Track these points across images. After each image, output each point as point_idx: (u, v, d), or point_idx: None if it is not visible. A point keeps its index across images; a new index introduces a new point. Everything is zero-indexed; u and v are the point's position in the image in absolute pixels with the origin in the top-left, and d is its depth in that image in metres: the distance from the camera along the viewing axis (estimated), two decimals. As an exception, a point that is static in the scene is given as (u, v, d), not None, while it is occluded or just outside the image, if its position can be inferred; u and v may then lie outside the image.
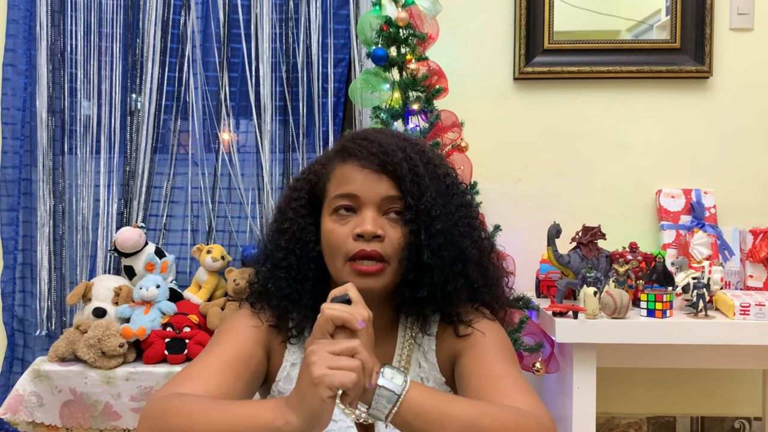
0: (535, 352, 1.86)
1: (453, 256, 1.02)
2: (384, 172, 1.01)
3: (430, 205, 1.01)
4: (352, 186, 1.01)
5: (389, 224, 1.01)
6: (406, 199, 1.00)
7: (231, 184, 2.30)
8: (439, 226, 1.01)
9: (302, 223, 1.06)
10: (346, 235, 1.00)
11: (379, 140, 1.03)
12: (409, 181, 1.00)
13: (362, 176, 1.01)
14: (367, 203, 1.01)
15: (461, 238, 1.03)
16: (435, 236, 1.00)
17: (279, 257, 1.06)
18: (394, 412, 0.86)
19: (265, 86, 2.25)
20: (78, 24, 2.25)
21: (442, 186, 1.05)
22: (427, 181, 1.02)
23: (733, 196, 2.23)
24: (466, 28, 2.27)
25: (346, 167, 1.03)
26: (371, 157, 1.01)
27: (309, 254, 1.05)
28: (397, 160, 1.01)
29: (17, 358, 2.26)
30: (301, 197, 1.08)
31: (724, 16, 2.24)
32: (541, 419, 0.89)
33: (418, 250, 1.00)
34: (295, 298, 1.04)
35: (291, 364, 1.07)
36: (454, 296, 1.03)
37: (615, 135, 2.27)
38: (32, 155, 2.26)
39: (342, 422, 1.04)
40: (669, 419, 2.31)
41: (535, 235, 2.08)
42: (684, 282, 1.76)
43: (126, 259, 2.11)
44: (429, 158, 1.06)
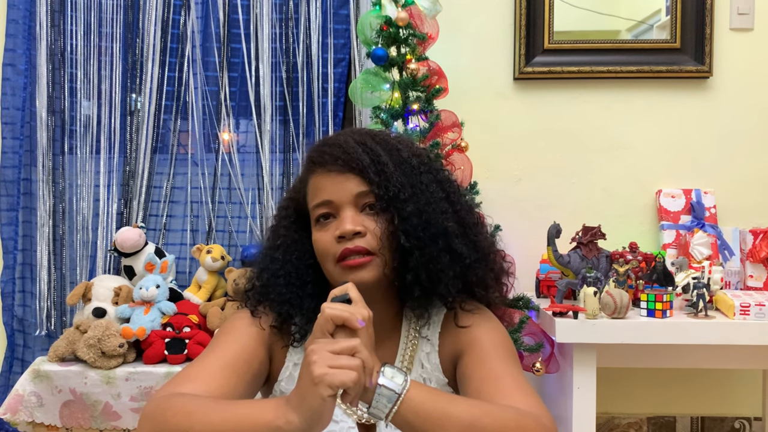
0: (535, 352, 1.86)
1: (432, 234, 1.02)
2: (349, 171, 1.03)
3: (397, 189, 1.02)
4: (323, 193, 1.04)
5: (368, 219, 1.03)
6: (373, 189, 1.02)
7: (231, 184, 2.29)
8: (410, 208, 1.02)
9: (295, 236, 1.08)
10: (330, 240, 1.02)
11: (338, 142, 1.05)
12: (373, 171, 1.02)
13: (330, 181, 1.03)
14: (342, 204, 1.03)
15: (439, 215, 1.03)
16: (408, 219, 1.01)
17: (276, 268, 1.07)
18: (394, 411, 0.86)
19: (265, 86, 2.25)
20: (78, 24, 2.25)
21: (408, 168, 1.05)
22: (391, 168, 1.03)
23: (733, 196, 2.23)
24: (466, 28, 2.27)
25: (316, 177, 1.06)
26: (334, 161, 1.03)
27: (306, 262, 1.07)
28: (357, 155, 1.02)
29: (17, 358, 2.26)
30: (289, 215, 1.11)
31: (724, 16, 2.24)
32: (540, 419, 0.89)
33: (395, 236, 1.01)
34: (297, 303, 1.05)
35: (294, 364, 1.08)
36: (442, 275, 1.03)
37: (615, 135, 2.27)
38: (32, 155, 2.26)
39: (344, 422, 1.04)
40: (669, 419, 2.31)
41: (535, 235, 2.08)
42: (684, 282, 1.76)
43: (126, 259, 2.11)
44: (392, 145, 1.07)
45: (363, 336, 0.87)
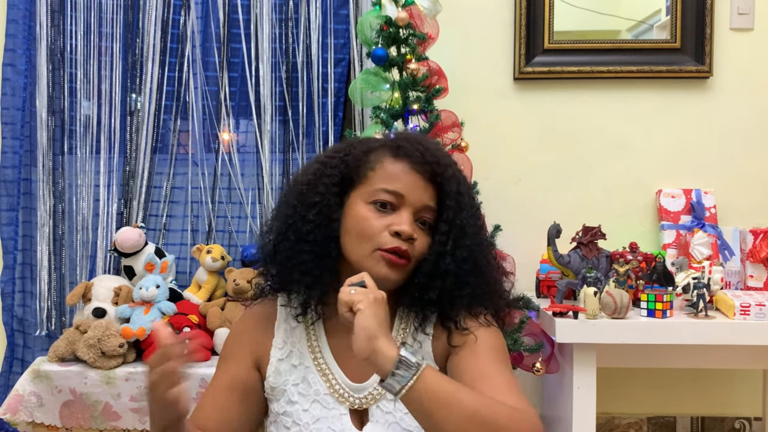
0: (535, 352, 1.86)
1: (468, 268, 1.07)
2: (432, 181, 1.07)
3: (465, 222, 1.08)
4: (400, 184, 1.06)
5: (418, 230, 1.07)
6: (447, 212, 1.07)
7: (231, 184, 2.29)
8: (468, 242, 1.07)
9: (332, 200, 1.07)
10: (381, 228, 1.05)
11: (431, 149, 1.10)
12: (453, 197, 1.07)
13: (412, 179, 1.07)
14: (408, 205, 1.06)
15: (479, 254, 1.10)
16: (461, 249, 1.07)
17: (306, 230, 1.06)
18: (409, 385, 0.88)
19: (265, 86, 2.25)
20: (78, 24, 2.25)
21: (474, 206, 1.13)
22: (466, 200, 1.10)
23: (733, 196, 2.23)
24: (466, 28, 2.27)
25: (399, 165, 1.08)
26: (425, 164, 1.07)
27: (333, 233, 1.07)
28: (448, 174, 1.08)
29: (17, 358, 2.26)
30: (334, 174, 1.09)
31: (724, 16, 2.24)
32: (530, 417, 0.93)
33: (440, 257, 1.05)
34: (317, 275, 1.06)
35: (278, 359, 1.12)
36: (457, 301, 1.08)
37: (615, 135, 2.27)
38: (32, 155, 2.26)
39: (335, 410, 1.07)
40: (669, 419, 2.31)
41: (535, 235, 2.08)
42: (684, 282, 1.76)
43: (126, 259, 2.11)
44: (465, 179, 1.14)
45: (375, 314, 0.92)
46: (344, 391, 1.08)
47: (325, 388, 1.08)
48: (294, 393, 1.09)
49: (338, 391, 1.08)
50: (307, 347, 1.11)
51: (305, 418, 1.06)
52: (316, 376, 1.09)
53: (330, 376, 1.09)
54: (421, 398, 0.89)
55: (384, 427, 1.05)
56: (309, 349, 1.11)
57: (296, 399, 1.08)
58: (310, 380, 1.09)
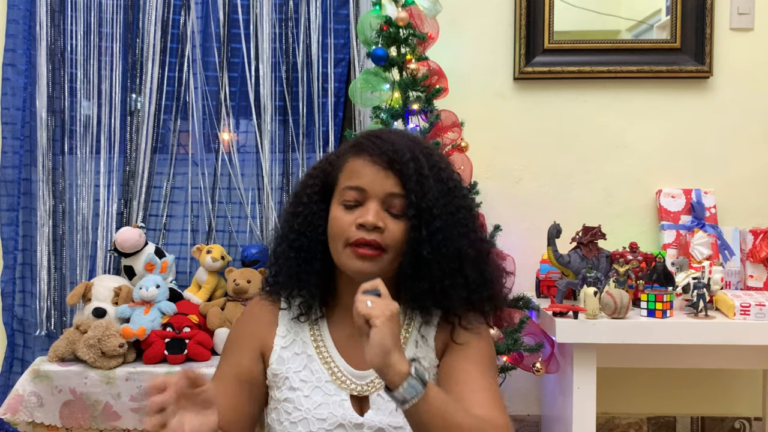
0: (535, 352, 1.86)
1: (450, 254, 1.07)
2: (391, 169, 1.07)
3: (432, 203, 1.06)
4: (360, 179, 1.08)
5: (390, 218, 1.07)
6: (410, 196, 1.06)
7: (231, 184, 2.29)
8: (438, 224, 1.06)
9: (314, 208, 1.12)
10: (349, 224, 1.06)
11: (390, 140, 1.10)
12: (414, 180, 1.06)
13: (371, 171, 1.08)
14: (372, 197, 1.07)
15: (460, 238, 1.09)
16: (435, 233, 1.06)
17: (292, 238, 1.13)
18: (414, 402, 0.92)
19: (265, 86, 2.25)
20: (78, 24, 2.25)
21: (445, 188, 1.10)
22: (431, 182, 1.08)
23: (733, 196, 2.23)
24: (466, 28, 2.27)
25: (358, 161, 1.10)
26: (381, 155, 1.08)
27: (318, 237, 1.11)
28: (405, 159, 1.07)
29: (17, 358, 2.26)
30: (315, 184, 1.15)
31: (724, 16, 2.24)
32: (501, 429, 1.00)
33: (418, 244, 1.06)
34: (304, 278, 1.11)
35: (281, 347, 1.14)
36: (452, 292, 1.08)
37: (615, 135, 2.27)
38: (32, 155, 2.26)
39: (336, 396, 1.09)
40: (669, 419, 2.31)
41: (535, 235, 2.08)
42: (684, 282, 1.76)
43: (126, 259, 2.11)
44: (435, 161, 1.12)
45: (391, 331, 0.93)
46: (346, 378, 1.10)
47: (327, 375, 1.10)
48: (296, 380, 1.10)
49: (340, 378, 1.10)
50: (310, 336, 1.13)
51: (306, 404, 1.08)
52: (318, 364, 1.11)
53: (332, 364, 1.11)
54: (420, 414, 0.93)
55: (385, 414, 1.07)
56: (312, 338, 1.13)
57: (298, 386, 1.10)
58: (312, 368, 1.11)
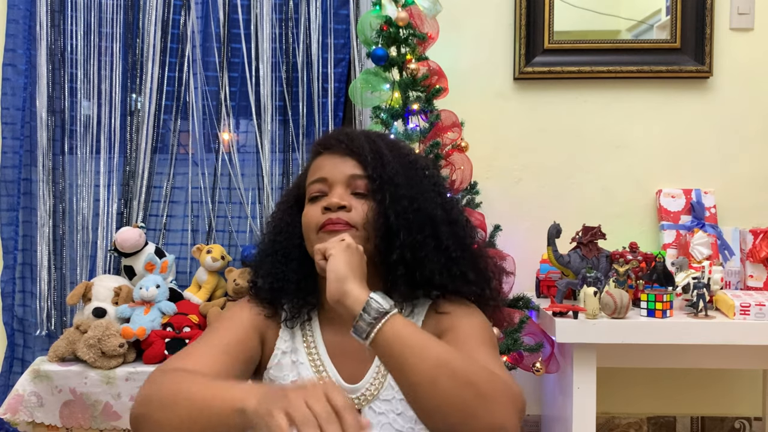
0: (535, 352, 1.86)
1: (420, 219, 1.07)
2: (349, 154, 1.10)
3: (392, 173, 1.08)
4: (320, 171, 1.11)
5: (356, 199, 1.08)
6: (369, 172, 1.08)
7: (231, 184, 2.29)
8: (402, 191, 1.07)
9: (288, 219, 1.15)
10: (316, 212, 1.08)
11: (345, 131, 1.15)
12: (371, 157, 1.09)
13: (330, 161, 1.11)
14: (335, 183, 1.09)
15: (428, 203, 1.09)
16: (399, 200, 1.07)
17: (266, 247, 1.16)
18: (379, 327, 0.89)
19: (265, 86, 2.25)
20: (78, 24, 2.25)
21: (405, 161, 1.12)
22: (389, 157, 1.10)
23: (733, 196, 2.23)
24: (466, 28, 2.27)
25: (318, 159, 1.14)
26: (337, 144, 1.12)
27: (294, 241, 1.12)
28: (360, 142, 1.11)
29: (17, 358, 2.26)
30: (287, 201, 1.19)
31: (724, 16, 2.24)
32: (511, 386, 0.89)
33: (386, 216, 1.06)
34: (282, 277, 1.11)
35: (282, 352, 1.11)
36: (426, 260, 1.06)
37: (615, 135, 2.27)
38: (32, 155, 2.26)
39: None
40: (669, 419, 2.31)
41: (535, 235, 2.08)
42: (684, 282, 1.76)
43: (126, 259, 2.11)
44: (393, 142, 1.16)
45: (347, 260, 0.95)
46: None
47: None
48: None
49: None
50: (302, 343, 1.12)
51: None
52: (310, 372, 1.09)
53: (324, 374, 1.09)
54: (390, 344, 0.88)
55: (377, 428, 1.05)
56: (304, 345, 1.11)
57: None
58: (304, 376, 1.09)
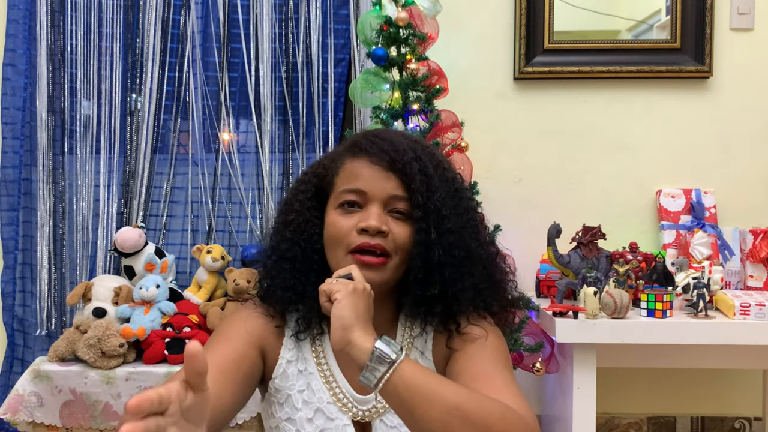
0: (535, 352, 1.86)
1: (462, 256, 1.02)
2: (392, 170, 1.02)
3: (440, 204, 1.02)
4: (359, 182, 1.03)
5: (393, 221, 1.02)
6: (416, 197, 1.01)
7: (231, 184, 2.29)
8: (449, 225, 1.02)
9: (307, 215, 1.07)
10: (349, 228, 1.01)
11: (390, 138, 1.05)
12: (419, 180, 1.01)
13: (371, 173, 1.03)
14: (374, 200, 1.02)
15: (469, 239, 1.04)
16: (445, 235, 1.01)
17: (284, 248, 1.06)
18: (386, 378, 0.87)
19: (265, 86, 2.25)
20: (78, 24, 2.25)
21: (452, 188, 1.06)
22: (437, 182, 1.03)
23: (733, 196, 2.23)
24: (466, 28, 2.27)
25: (356, 163, 1.04)
26: (381, 154, 1.02)
27: (314, 246, 1.06)
28: (407, 159, 1.02)
29: (17, 358, 2.26)
30: (308, 189, 1.09)
31: (724, 16, 2.24)
32: (525, 418, 0.88)
33: (428, 248, 1.01)
34: (300, 290, 1.05)
35: (287, 361, 1.07)
36: (461, 296, 1.03)
37: (615, 135, 2.27)
38: (32, 155, 2.26)
39: (339, 420, 1.04)
40: (669, 419, 2.31)
41: (535, 235, 2.08)
42: (684, 282, 1.76)
43: (126, 259, 2.11)
44: (438, 161, 1.07)
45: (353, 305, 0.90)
46: (348, 401, 1.05)
47: (329, 396, 1.05)
48: (299, 400, 1.05)
49: (341, 400, 1.05)
50: (312, 352, 1.08)
51: (309, 427, 1.04)
52: (320, 383, 1.06)
53: (333, 384, 1.06)
54: (399, 392, 0.86)
55: None
56: (313, 354, 1.08)
57: (300, 406, 1.05)
58: (314, 387, 1.06)
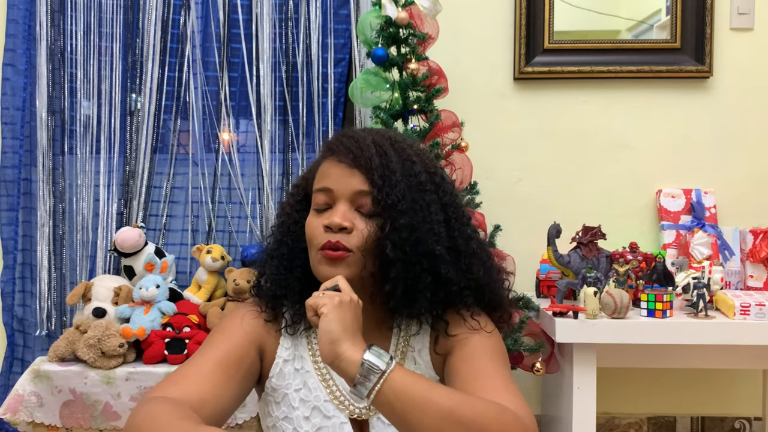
0: (535, 352, 1.86)
1: (418, 253, 1.01)
2: (356, 167, 1.03)
3: (397, 199, 1.01)
4: (327, 180, 1.05)
5: (360, 217, 1.03)
6: (374, 192, 1.02)
7: (231, 184, 2.29)
8: (403, 220, 1.01)
9: (296, 216, 1.10)
10: (319, 227, 1.03)
11: (356, 136, 1.06)
12: (379, 175, 1.02)
13: (337, 171, 1.04)
14: (340, 197, 1.04)
15: (430, 236, 1.02)
16: (399, 230, 1.00)
17: (273, 248, 1.11)
18: (377, 389, 0.86)
19: (265, 86, 2.25)
20: (78, 24, 2.25)
21: (415, 182, 1.04)
22: (398, 177, 1.03)
23: (733, 196, 2.23)
24: (466, 28, 2.27)
25: (326, 163, 1.07)
26: (346, 153, 1.04)
27: (300, 245, 1.08)
28: (369, 155, 1.03)
29: (17, 358, 2.26)
30: (298, 193, 1.13)
31: (724, 16, 2.24)
32: (522, 418, 0.88)
33: (382, 243, 1.01)
34: (284, 284, 1.07)
35: (283, 360, 1.08)
36: (419, 295, 1.02)
37: (615, 135, 2.27)
38: (32, 155, 2.26)
39: (336, 418, 1.05)
40: (669, 419, 2.31)
41: (535, 235, 2.08)
42: (684, 282, 1.76)
43: (126, 259, 2.11)
44: (407, 156, 1.06)
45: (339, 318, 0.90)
46: (345, 399, 1.05)
47: (326, 394, 1.06)
48: (295, 399, 1.06)
49: (338, 398, 1.06)
50: (308, 350, 1.09)
51: (306, 426, 1.04)
52: (317, 381, 1.07)
53: (330, 382, 1.07)
54: (391, 401, 0.86)
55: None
56: (310, 353, 1.09)
57: (297, 405, 1.06)
58: (311, 385, 1.07)
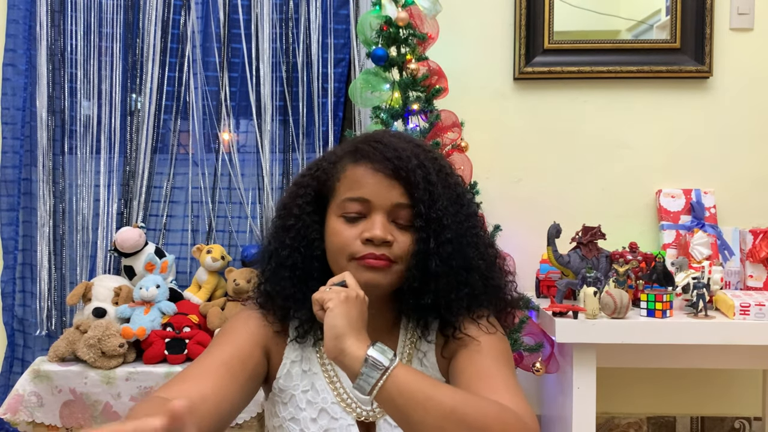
0: (535, 352, 1.86)
1: (459, 265, 1.01)
2: (397, 178, 1.00)
3: (441, 213, 1.00)
4: (363, 190, 1.01)
5: (397, 230, 1.01)
6: (418, 206, 1.00)
7: (231, 184, 2.29)
8: (448, 235, 1.00)
9: (307, 220, 1.04)
10: (353, 237, 1.00)
11: (393, 145, 1.02)
12: (422, 189, 1.00)
13: (374, 181, 1.01)
14: (378, 208, 1.00)
15: (468, 248, 1.03)
16: (444, 245, 1.00)
17: (284, 255, 1.04)
18: (380, 385, 0.86)
19: (265, 86, 2.25)
20: (78, 24, 2.25)
21: (453, 195, 1.04)
22: (440, 190, 1.01)
23: (733, 196, 2.23)
24: (466, 28, 2.27)
25: (359, 169, 1.02)
26: (385, 162, 1.00)
27: (313, 252, 1.04)
28: (411, 166, 1.00)
29: (17, 358, 2.26)
30: (307, 194, 1.06)
31: (724, 16, 2.24)
32: (523, 418, 0.88)
33: (426, 257, 1.00)
34: (300, 298, 1.03)
35: (291, 361, 1.07)
36: (455, 304, 1.03)
37: (615, 135, 2.27)
38: (32, 155, 2.26)
39: (343, 420, 1.04)
40: (669, 419, 2.31)
41: (535, 235, 2.08)
42: (684, 282, 1.76)
43: (126, 259, 2.11)
44: (441, 166, 1.06)
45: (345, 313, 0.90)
46: (351, 401, 1.05)
47: (333, 396, 1.05)
48: (302, 400, 1.05)
49: (345, 400, 1.05)
50: (315, 352, 1.08)
51: (313, 427, 1.03)
52: (324, 383, 1.06)
53: (338, 384, 1.06)
54: (393, 398, 0.86)
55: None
56: (317, 354, 1.08)
57: (304, 407, 1.05)
58: (318, 387, 1.06)
